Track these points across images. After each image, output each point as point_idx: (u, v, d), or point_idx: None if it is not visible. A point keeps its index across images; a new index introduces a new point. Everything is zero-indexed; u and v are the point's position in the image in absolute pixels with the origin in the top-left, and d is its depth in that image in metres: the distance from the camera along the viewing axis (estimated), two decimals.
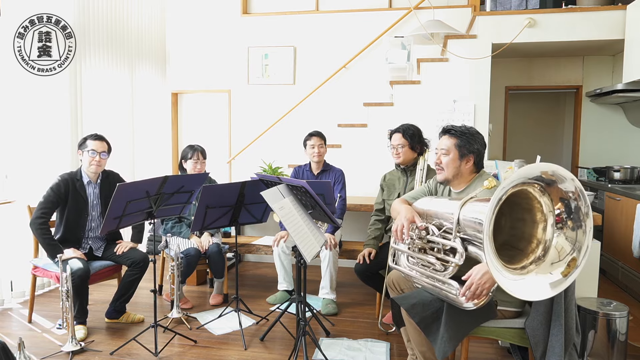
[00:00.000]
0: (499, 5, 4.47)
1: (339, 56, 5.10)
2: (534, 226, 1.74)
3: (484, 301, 1.85)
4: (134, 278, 3.14)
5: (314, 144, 3.64)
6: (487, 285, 1.79)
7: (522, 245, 1.77)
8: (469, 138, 2.16)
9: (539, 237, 1.72)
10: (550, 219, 1.69)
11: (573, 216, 1.67)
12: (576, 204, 1.65)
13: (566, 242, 1.68)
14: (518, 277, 1.65)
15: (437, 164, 2.21)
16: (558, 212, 1.68)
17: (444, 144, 2.18)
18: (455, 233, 1.84)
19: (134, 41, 4.92)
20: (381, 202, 3.34)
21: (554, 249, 1.69)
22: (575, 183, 1.64)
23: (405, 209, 2.13)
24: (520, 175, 1.62)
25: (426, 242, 2.01)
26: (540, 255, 1.70)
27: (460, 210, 1.82)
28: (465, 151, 2.14)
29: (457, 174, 2.17)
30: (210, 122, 5.68)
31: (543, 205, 1.70)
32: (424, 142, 3.22)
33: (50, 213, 3.04)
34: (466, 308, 1.88)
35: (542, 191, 1.68)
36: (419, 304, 2.03)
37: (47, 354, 2.74)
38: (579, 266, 1.66)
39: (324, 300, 3.50)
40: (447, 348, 1.92)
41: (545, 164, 1.64)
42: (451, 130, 2.20)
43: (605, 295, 3.45)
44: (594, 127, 5.20)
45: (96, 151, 3.08)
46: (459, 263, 1.85)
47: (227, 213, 3.08)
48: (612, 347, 2.36)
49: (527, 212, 1.76)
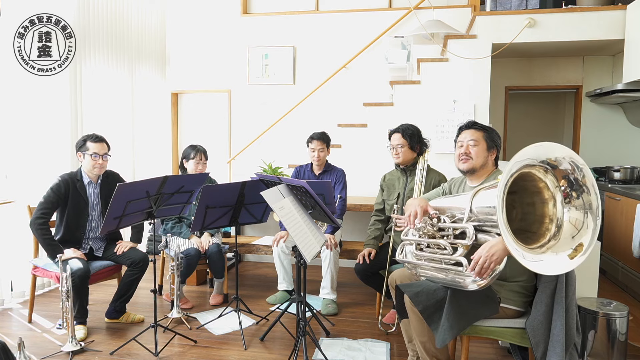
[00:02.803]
0: (499, 5, 4.47)
1: (339, 56, 5.10)
2: (543, 206, 1.83)
3: (488, 282, 1.88)
4: (134, 278, 3.14)
5: (315, 148, 3.64)
6: (495, 258, 1.81)
7: (535, 228, 1.84)
8: (492, 133, 2.29)
9: (550, 215, 1.81)
10: (558, 196, 1.78)
11: (575, 187, 1.76)
12: (574, 176, 1.75)
13: (578, 211, 1.77)
14: (535, 255, 1.72)
15: (466, 154, 2.26)
16: (563, 188, 1.77)
17: (472, 135, 2.26)
18: (466, 218, 1.91)
19: (134, 41, 4.92)
20: (381, 203, 3.33)
21: (569, 224, 1.77)
22: (569, 160, 1.75)
23: (419, 199, 2.22)
24: (528, 156, 1.74)
25: (437, 230, 2.07)
26: (555, 232, 1.78)
27: (472, 198, 1.89)
28: (492, 143, 2.26)
29: (484, 164, 2.25)
30: (210, 122, 5.68)
31: (548, 183, 1.79)
32: (423, 141, 3.22)
33: (50, 213, 3.03)
34: (470, 289, 1.92)
35: (545, 170, 1.78)
36: (423, 292, 2.07)
37: (47, 354, 2.74)
38: (599, 217, 1.75)
39: (324, 300, 3.50)
40: (446, 336, 1.96)
41: (552, 148, 1.75)
42: (476, 124, 2.31)
43: (605, 295, 3.45)
44: (594, 127, 5.20)
45: (98, 154, 3.08)
46: (468, 244, 1.90)
47: (227, 213, 3.08)
48: (612, 347, 2.36)
49: (536, 195, 1.84)
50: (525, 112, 6.06)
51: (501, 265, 1.84)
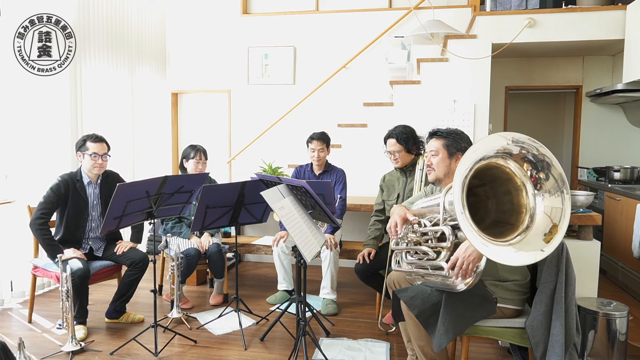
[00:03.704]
0: (499, 5, 4.47)
1: (339, 56, 5.10)
2: (519, 194, 1.77)
3: (474, 279, 1.87)
4: (134, 278, 3.14)
5: (314, 148, 3.63)
6: (472, 258, 1.81)
7: (513, 219, 1.79)
8: (455, 137, 2.26)
9: (525, 204, 1.74)
10: (528, 184, 1.72)
11: (538, 164, 1.70)
12: (532, 153, 1.70)
13: (552, 196, 1.70)
14: (506, 247, 1.66)
15: (428, 166, 2.29)
16: (529, 173, 1.72)
17: (432, 146, 2.28)
18: (442, 220, 1.89)
19: (134, 41, 4.92)
20: (381, 203, 3.33)
21: (544, 215, 1.70)
22: (513, 142, 1.68)
23: (398, 208, 2.21)
24: (481, 154, 1.67)
25: (420, 236, 2.05)
26: (528, 223, 1.72)
27: (444, 197, 1.87)
28: (453, 150, 2.24)
29: (447, 172, 2.24)
30: (210, 122, 5.68)
31: (512, 168, 1.73)
32: (419, 142, 3.22)
33: (50, 213, 3.03)
34: (460, 290, 1.91)
35: (503, 158, 1.72)
36: (418, 297, 2.07)
37: (47, 354, 2.75)
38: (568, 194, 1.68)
39: (324, 300, 3.50)
40: (442, 341, 1.95)
41: (499, 138, 1.69)
42: (437, 132, 2.30)
43: (605, 295, 3.45)
44: (594, 127, 5.20)
45: (98, 154, 3.08)
46: (448, 246, 1.88)
47: (227, 213, 3.08)
48: (612, 347, 2.36)
49: (509, 182, 1.78)
50: (525, 112, 6.06)
51: (482, 262, 1.84)
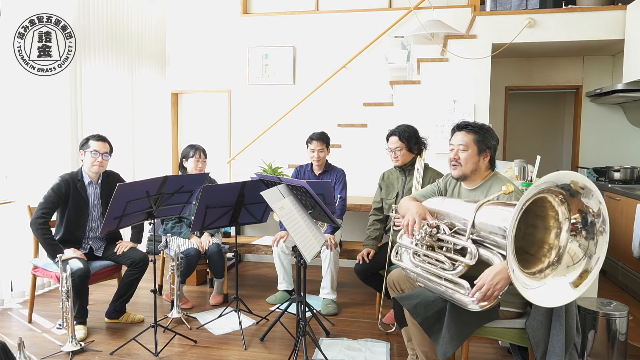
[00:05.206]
0: (499, 5, 4.47)
1: (339, 56, 5.10)
2: (545, 232, 1.73)
3: (492, 304, 1.84)
4: (134, 278, 3.14)
5: (314, 149, 3.63)
6: (499, 287, 1.77)
7: (533, 250, 1.76)
8: (486, 133, 2.15)
9: (550, 243, 1.72)
10: (565, 225, 1.68)
11: (588, 229, 1.65)
12: (592, 220, 1.64)
13: (579, 249, 1.68)
14: (537, 282, 1.64)
15: (455, 160, 2.17)
16: (574, 221, 1.67)
17: (461, 140, 2.15)
18: (468, 235, 1.83)
19: (134, 41, 4.92)
20: (379, 201, 3.33)
21: (567, 255, 1.69)
22: (601, 206, 1.63)
23: (416, 205, 2.12)
24: (550, 179, 1.59)
25: (436, 241, 2.00)
26: (555, 260, 1.70)
27: (475, 213, 1.80)
28: (483, 146, 2.13)
29: (475, 169, 2.16)
30: (210, 122, 5.68)
31: (559, 214, 1.69)
32: (420, 142, 3.22)
33: (50, 213, 3.04)
34: (471, 309, 1.87)
35: (562, 201, 1.67)
36: (422, 304, 2.02)
37: (47, 354, 2.74)
38: (592, 271, 1.65)
39: (324, 300, 3.50)
40: (448, 349, 1.92)
41: (579, 175, 1.63)
42: (468, 125, 2.18)
43: (605, 295, 3.45)
44: (594, 127, 5.20)
45: (98, 152, 3.08)
46: (469, 263, 1.83)
47: (227, 213, 3.08)
48: (612, 347, 2.36)
49: (540, 219, 1.74)
50: (525, 112, 6.06)
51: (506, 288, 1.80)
